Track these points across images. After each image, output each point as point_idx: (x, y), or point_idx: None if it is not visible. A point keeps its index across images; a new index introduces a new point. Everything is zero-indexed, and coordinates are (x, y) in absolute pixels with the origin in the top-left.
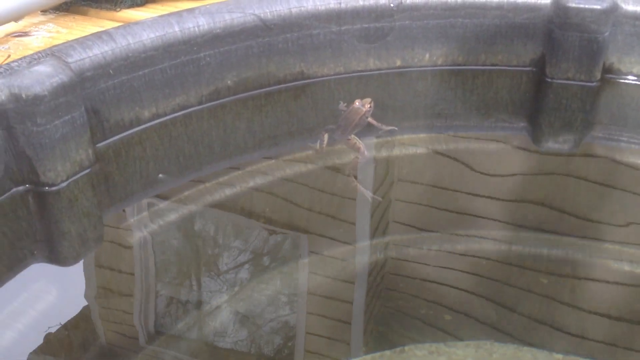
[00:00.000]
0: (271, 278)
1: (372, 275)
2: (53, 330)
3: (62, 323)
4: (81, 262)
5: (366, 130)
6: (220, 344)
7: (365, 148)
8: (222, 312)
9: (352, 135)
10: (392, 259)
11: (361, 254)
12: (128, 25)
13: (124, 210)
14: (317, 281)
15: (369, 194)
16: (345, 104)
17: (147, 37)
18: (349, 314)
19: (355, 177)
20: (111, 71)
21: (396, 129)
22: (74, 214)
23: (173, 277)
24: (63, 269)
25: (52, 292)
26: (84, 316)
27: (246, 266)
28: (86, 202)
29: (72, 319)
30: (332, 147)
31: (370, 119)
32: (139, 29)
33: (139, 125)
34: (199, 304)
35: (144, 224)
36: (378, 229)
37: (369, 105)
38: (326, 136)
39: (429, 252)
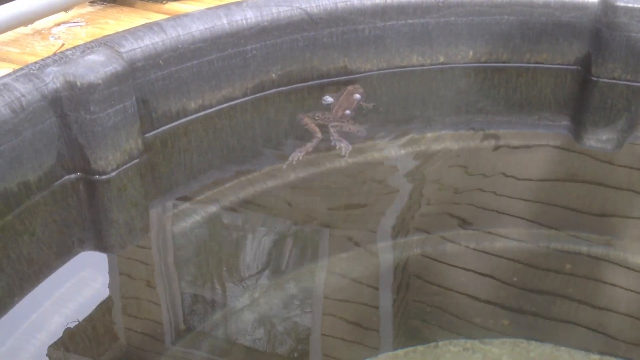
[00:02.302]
0: (305, 273)
1: (402, 270)
2: (97, 318)
3: (106, 311)
4: (128, 251)
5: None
6: (246, 344)
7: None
8: (251, 311)
9: (348, 119)
10: (424, 255)
11: (393, 249)
12: (178, 16)
13: (168, 201)
14: (345, 276)
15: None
16: (330, 97)
17: (196, 29)
18: (378, 308)
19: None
20: (161, 62)
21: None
22: (122, 203)
23: (204, 273)
24: (111, 257)
25: (98, 280)
26: (126, 305)
27: (282, 263)
28: (134, 191)
29: (115, 307)
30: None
31: (362, 102)
32: (189, 20)
33: (185, 116)
34: (225, 303)
35: (185, 216)
36: (409, 225)
37: (361, 90)
38: (311, 122)
39: (465, 250)
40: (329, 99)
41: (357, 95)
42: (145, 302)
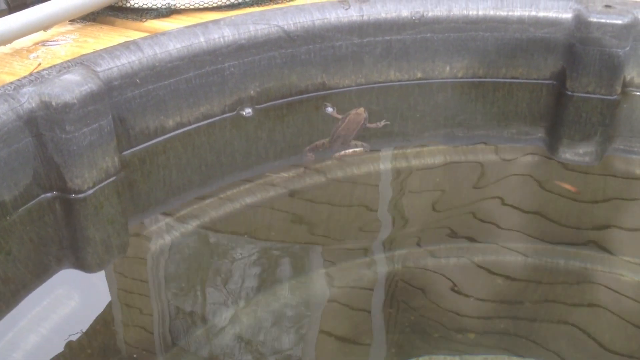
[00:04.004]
0: (291, 290)
1: (388, 286)
2: (74, 336)
3: (83, 330)
4: (106, 269)
5: (378, 141)
6: (235, 357)
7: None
8: (234, 330)
9: (354, 142)
10: (408, 270)
11: (377, 265)
12: (155, 35)
13: (147, 218)
14: (333, 292)
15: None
16: (334, 108)
17: (174, 47)
18: (366, 323)
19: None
20: (138, 80)
21: (389, 122)
22: (99, 221)
23: (186, 288)
24: (88, 276)
25: (75, 299)
26: (104, 324)
27: (266, 278)
28: (111, 209)
29: (93, 326)
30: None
31: (368, 124)
32: (166, 39)
33: (164, 134)
34: (206, 321)
35: (164, 233)
36: (394, 240)
37: (364, 114)
38: (312, 157)
39: (446, 264)
40: (329, 108)
41: (361, 120)
42: (124, 321)
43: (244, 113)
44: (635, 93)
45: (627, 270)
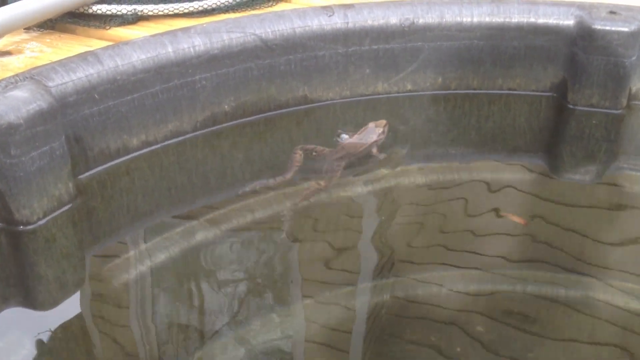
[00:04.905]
0: (268, 325)
1: (371, 316)
2: None
3: None
4: (60, 309)
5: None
6: None
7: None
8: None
9: (344, 164)
10: (393, 299)
11: (362, 294)
12: (117, 45)
13: (109, 250)
14: (314, 325)
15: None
16: (346, 135)
17: (138, 58)
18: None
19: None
20: (96, 96)
21: (396, 152)
22: (51, 256)
23: (153, 327)
24: (39, 316)
25: (26, 344)
26: None
27: (241, 314)
28: (66, 241)
29: None
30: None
31: (374, 149)
32: (129, 49)
33: (127, 154)
34: (185, 357)
35: (128, 265)
36: (380, 268)
37: (381, 130)
38: (301, 156)
39: (438, 292)
40: (344, 135)
41: (373, 137)
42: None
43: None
44: None
45: (633, 297)
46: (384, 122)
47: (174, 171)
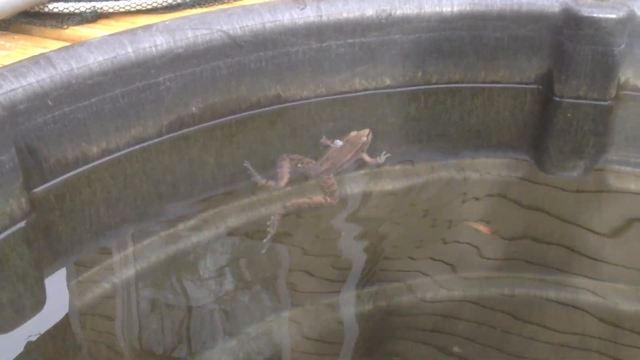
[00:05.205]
0: (249, 339)
1: (361, 325)
2: None
3: None
4: (16, 335)
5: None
6: None
7: (339, 195)
8: None
9: (332, 175)
10: (384, 308)
11: (349, 304)
12: (71, 46)
13: (70, 268)
14: (301, 335)
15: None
16: (331, 140)
17: (94, 60)
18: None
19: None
20: (50, 102)
21: (389, 155)
22: (5, 278)
23: (121, 349)
24: None
25: None
26: None
27: (216, 330)
28: (20, 261)
29: None
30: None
31: (364, 154)
32: (85, 50)
33: (86, 163)
34: None
35: (93, 284)
36: (364, 274)
37: (365, 139)
38: (287, 167)
39: (423, 298)
40: (338, 141)
41: (359, 144)
42: None
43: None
44: (631, 96)
45: (623, 298)
46: (366, 130)
47: (139, 180)
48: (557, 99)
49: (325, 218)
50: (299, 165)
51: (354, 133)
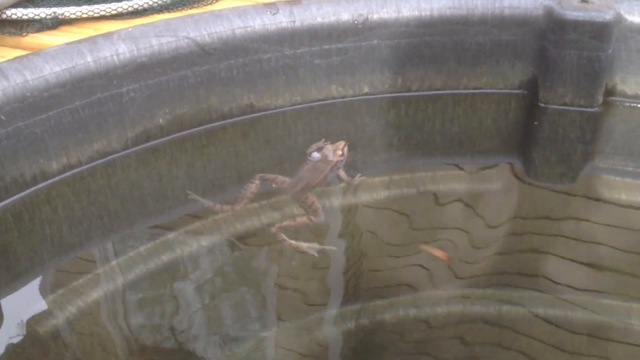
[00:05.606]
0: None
1: (344, 342)
2: None
3: None
4: None
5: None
6: None
7: (323, 211)
8: None
9: (310, 194)
10: (367, 326)
11: (333, 323)
12: (25, 56)
13: (30, 292)
14: (284, 354)
15: (314, 249)
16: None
17: (51, 71)
18: None
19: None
20: (3, 117)
21: (364, 177)
22: None
23: None
24: None
25: None
26: None
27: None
28: None
29: None
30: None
31: (340, 171)
32: (40, 61)
33: (45, 180)
34: None
35: (56, 308)
36: (347, 291)
37: (340, 153)
38: (257, 187)
39: (405, 316)
40: (315, 154)
41: (332, 162)
42: None
43: None
44: (618, 102)
45: (613, 315)
46: (342, 143)
47: (104, 196)
48: (542, 105)
49: (304, 233)
50: (273, 185)
51: (328, 147)
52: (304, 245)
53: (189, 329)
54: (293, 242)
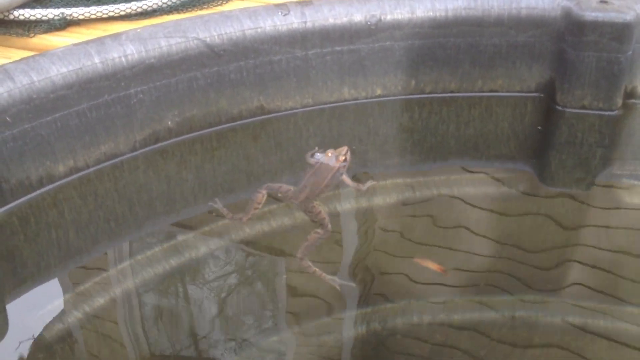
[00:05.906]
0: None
1: (355, 348)
2: None
3: None
4: None
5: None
6: None
7: (330, 221)
8: None
9: (317, 202)
10: (378, 331)
11: (345, 328)
12: (31, 58)
13: (36, 297)
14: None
15: (337, 282)
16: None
17: (58, 72)
18: None
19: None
20: (9, 118)
21: (375, 182)
22: None
23: None
24: None
25: None
26: None
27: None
28: None
29: None
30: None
31: (344, 177)
32: (47, 62)
33: (52, 182)
34: None
35: (62, 313)
36: (361, 296)
37: (343, 158)
38: (263, 197)
39: (419, 322)
40: (318, 155)
41: (334, 167)
42: None
43: None
44: (638, 105)
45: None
46: (344, 148)
47: (111, 199)
48: (560, 108)
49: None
50: (279, 194)
51: (330, 153)
52: (327, 277)
53: (197, 334)
54: (317, 270)
